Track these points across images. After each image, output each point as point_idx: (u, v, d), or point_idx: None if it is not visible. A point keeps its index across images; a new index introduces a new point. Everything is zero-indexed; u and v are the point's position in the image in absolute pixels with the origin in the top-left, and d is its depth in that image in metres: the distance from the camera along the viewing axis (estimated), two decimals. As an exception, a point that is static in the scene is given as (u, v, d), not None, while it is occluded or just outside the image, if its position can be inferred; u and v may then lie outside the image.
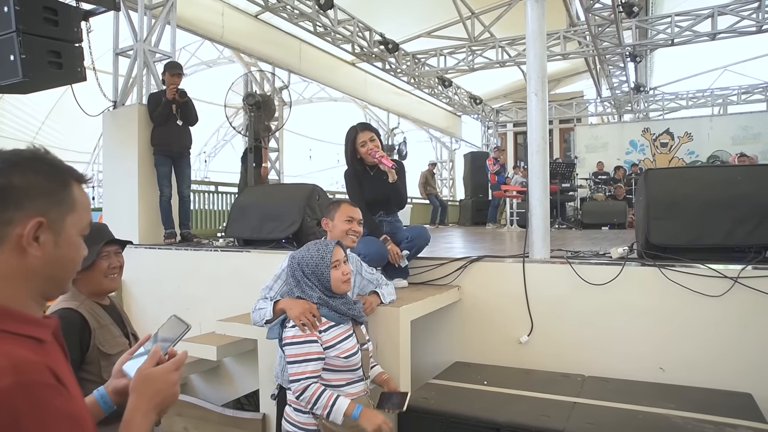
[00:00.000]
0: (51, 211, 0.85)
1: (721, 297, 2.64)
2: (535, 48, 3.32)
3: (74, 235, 0.89)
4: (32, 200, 0.83)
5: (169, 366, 1.05)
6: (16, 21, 3.73)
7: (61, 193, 0.87)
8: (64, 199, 0.87)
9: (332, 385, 2.07)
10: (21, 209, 0.81)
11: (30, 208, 0.82)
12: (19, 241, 0.81)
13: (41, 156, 0.88)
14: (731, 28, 8.47)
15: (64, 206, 0.87)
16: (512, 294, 3.14)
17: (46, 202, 0.84)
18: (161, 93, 5.27)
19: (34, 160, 0.86)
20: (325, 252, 2.13)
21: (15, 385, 0.70)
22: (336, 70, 10.50)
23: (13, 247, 0.82)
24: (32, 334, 0.80)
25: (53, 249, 0.85)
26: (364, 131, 3.16)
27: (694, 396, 2.46)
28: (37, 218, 0.82)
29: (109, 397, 1.11)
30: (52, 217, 0.85)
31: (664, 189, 2.99)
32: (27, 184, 0.83)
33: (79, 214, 0.90)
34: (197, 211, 7.08)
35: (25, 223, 0.81)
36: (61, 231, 0.86)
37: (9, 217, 0.81)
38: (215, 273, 4.20)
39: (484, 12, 9.66)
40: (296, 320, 2.06)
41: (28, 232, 0.82)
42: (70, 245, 0.89)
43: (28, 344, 0.77)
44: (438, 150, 15.74)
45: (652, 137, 12.79)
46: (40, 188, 0.84)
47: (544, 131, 3.31)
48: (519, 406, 2.39)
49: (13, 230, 0.81)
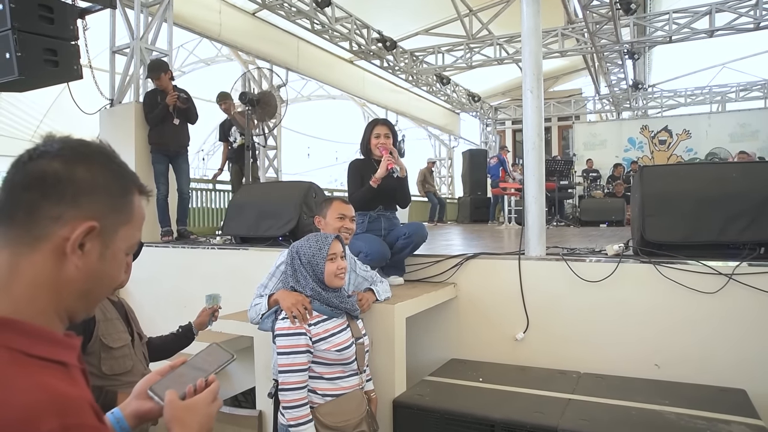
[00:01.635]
0: (107, 217, 0.73)
1: (715, 294, 2.65)
2: (531, 45, 3.32)
3: (122, 251, 0.78)
4: (91, 200, 0.71)
5: (208, 397, 0.94)
6: (12, 18, 3.72)
7: (122, 201, 0.76)
8: (124, 208, 0.76)
9: (326, 378, 2.08)
10: (76, 207, 0.70)
11: (86, 209, 0.71)
12: (62, 244, 0.69)
13: (111, 153, 0.77)
14: (729, 25, 8.47)
15: (122, 216, 0.76)
16: (508, 291, 3.14)
17: (104, 207, 0.73)
18: (157, 92, 5.24)
19: (104, 155, 0.76)
20: (323, 244, 2.15)
21: (60, 429, 0.58)
22: (334, 67, 10.49)
23: (53, 249, 0.69)
24: (59, 359, 0.67)
25: (97, 261, 0.73)
26: (382, 125, 3.25)
27: (689, 392, 2.46)
28: (91, 222, 0.70)
29: (126, 422, 0.97)
30: (106, 225, 0.73)
31: (659, 186, 3.00)
32: (90, 180, 0.71)
33: (133, 229, 0.79)
34: (194, 209, 7.08)
35: (75, 224, 0.69)
36: (110, 243, 0.75)
37: (59, 213, 0.69)
38: (212, 271, 4.20)
39: (482, 9, 9.65)
40: (287, 311, 2.09)
41: (77, 236, 0.69)
42: (115, 261, 0.77)
43: (58, 372, 0.66)
44: (436, 148, 15.73)
45: (650, 134, 12.80)
46: (103, 189, 0.73)
47: (539, 128, 3.31)
48: (514, 403, 2.39)
49: (59, 230, 0.69)
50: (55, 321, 0.71)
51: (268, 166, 9.21)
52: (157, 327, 2.63)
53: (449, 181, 15.88)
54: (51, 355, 0.66)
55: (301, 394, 2.00)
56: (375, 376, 2.46)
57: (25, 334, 0.65)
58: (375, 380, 2.45)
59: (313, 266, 2.14)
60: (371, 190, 3.09)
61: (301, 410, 1.98)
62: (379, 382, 2.47)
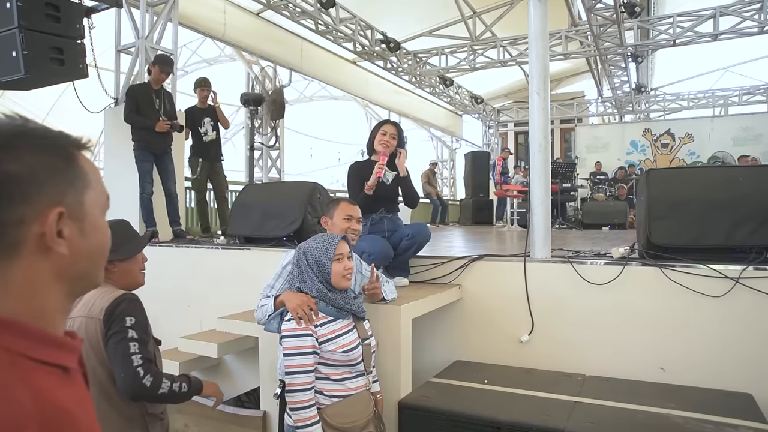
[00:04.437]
0: (66, 195, 0.67)
1: (722, 297, 2.64)
2: (538, 47, 3.32)
3: (98, 216, 0.72)
4: (40, 188, 0.64)
5: None
6: (18, 17, 3.72)
7: (70, 170, 0.69)
8: (77, 176, 0.69)
9: (333, 379, 2.08)
10: (30, 203, 0.63)
11: (41, 199, 0.64)
12: (41, 240, 0.64)
13: (28, 128, 0.66)
14: (733, 29, 8.47)
15: (78, 184, 0.69)
16: (513, 293, 3.14)
17: (57, 186, 0.66)
18: (145, 87, 5.10)
19: (22, 135, 0.65)
20: (330, 244, 2.15)
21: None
22: (337, 68, 10.50)
23: (34, 249, 0.64)
24: (61, 363, 0.65)
25: (80, 240, 0.68)
26: (390, 125, 3.27)
27: (695, 396, 2.46)
28: (57, 208, 0.65)
29: None
30: (70, 202, 0.67)
31: (665, 189, 2.99)
32: (27, 169, 0.63)
33: (95, 189, 0.72)
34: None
35: (41, 218, 0.64)
36: (83, 216, 0.69)
37: (18, 216, 0.63)
38: (216, 271, 4.20)
39: (486, 11, 9.66)
40: (293, 312, 2.08)
41: (50, 227, 0.64)
42: (97, 229, 0.72)
43: (57, 377, 0.64)
44: (439, 149, 15.74)
45: (653, 138, 12.78)
46: (44, 170, 0.65)
47: (546, 130, 3.31)
48: (520, 406, 2.39)
49: (28, 230, 0.63)
50: (55, 318, 0.68)
51: (271, 166, 9.22)
52: (161, 327, 2.62)
53: (451, 182, 15.88)
54: (52, 359, 0.64)
55: (308, 395, 1.99)
56: (380, 377, 2.46)
57: (27, 336, 0.63)
58: (380, 381, 2.44)
59: (320, 266, 2.14)
60: (368, 196, 3.10)
61: (308, 411, 1.98)
62: (384, 383, 2.46)
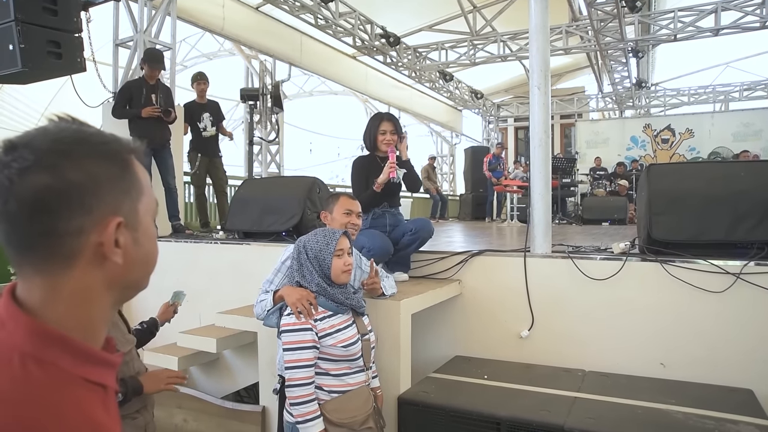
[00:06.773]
0: (124, 203, 0.66)
1: (722, 293, 2.63)
2: (538, 42, 3.30)
3: (150, 224, 0.71)
4: (100, 197, 0.63)
5: None
6: (15, 10, 3.69)
7: (127, 177, 0.67)
8: (132, 183, 0.67)
9: (332, 375, 2.07)
10: (89, 212, 0.62)
11: (101, 208, 0.63)
12: (98, 250, 0.63)
13: (87, 134, 0.64)
14: (734, 24, 8.42)
15: (134, 192, 0.67)
16: (513, 288, 3.13)
17: (115, 195, 0.65)
18: (139, 83, 5.03)
19: (82, 141, 0.63)
20: (331, 239, 2.13)
21: None
22: (337, 63, 10.46)
23: (91, 258, 0.63)
24: (101, 381, 0.64)
25: (134, 249, 0.67)
26: (389, 122, 3.21)
27: (695, 392, 2.45)
28: (115, 218, 0.64)
29: None
30: (127, 210, 0.66)
31: (666, 184, 2.98)
32: (87, 177, 0.62)
33: (148, 195, 0.70)
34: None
35: (100, 228, 0.62)
36: (137, 224, 0.68)
37: (78, 226, 0.61)
38: (215, 266, 4.18)
39: (486, 6, 9.62)
40: (293, 306, 2.07)
41: (109, 236, 0.63)
42: (149, 237, 0.70)
43: (98, 397, 0.63)
44: (438, 144, 15.70)
45: (653, 133, 12.77)
46: (104, 178, 0.64)
47: (546, 125, 3.29)
48: (519, 401, 2.38)
49: (86, 240, 0.62)
50: (101, 326, 0.67)
51: (270, 161, 9.19)
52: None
53: (451, 178, 15.86)
54: (94, 378, 0.63)
55: (308, 390, 1.98)
56: (380, 373, 2.45)
57: (73, 352, 0.62)
58: (380, 377, 2.43)
59: (320, 261, 2.12)
60: (376, 193, 3.08)
61: (309, 406, 1.97)
62: (384, 378, 2.46)
